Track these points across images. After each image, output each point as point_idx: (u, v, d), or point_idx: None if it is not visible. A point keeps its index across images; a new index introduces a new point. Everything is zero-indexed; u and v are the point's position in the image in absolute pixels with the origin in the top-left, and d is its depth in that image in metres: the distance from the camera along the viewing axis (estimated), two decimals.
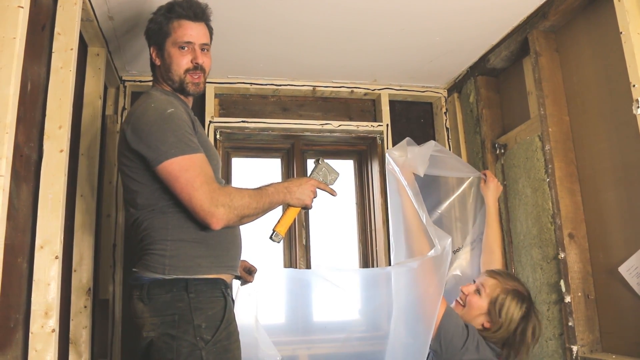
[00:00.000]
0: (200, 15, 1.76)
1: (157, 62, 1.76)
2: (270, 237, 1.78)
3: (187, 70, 1.72)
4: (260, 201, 1.63)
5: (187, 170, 1.51)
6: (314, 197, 1.79)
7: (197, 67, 1.73)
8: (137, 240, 1.65)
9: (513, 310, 1.92)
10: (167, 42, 1.73)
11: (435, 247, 1.97)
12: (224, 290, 1.63)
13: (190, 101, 1.81)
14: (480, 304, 1.98)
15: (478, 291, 2.01)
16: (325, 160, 1.87)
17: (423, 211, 2.11)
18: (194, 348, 1.49)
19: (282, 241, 1.74)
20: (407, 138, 2.37)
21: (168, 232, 1.58)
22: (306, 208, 1.79)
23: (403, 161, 2.27)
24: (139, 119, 1.58)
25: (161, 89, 1.76)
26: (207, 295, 1.57)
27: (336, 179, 1.87)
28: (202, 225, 1.56)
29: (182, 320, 1.51)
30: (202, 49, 1.75)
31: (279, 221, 1.79)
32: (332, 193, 1.85)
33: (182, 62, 1.72)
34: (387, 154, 2.39)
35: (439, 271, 1.94)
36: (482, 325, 1.96)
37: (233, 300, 1.70)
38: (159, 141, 1.53)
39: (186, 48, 1.72)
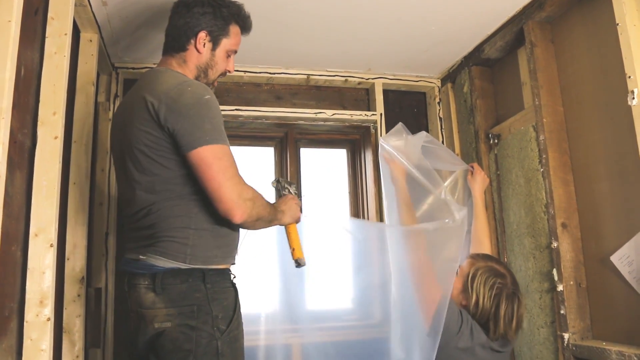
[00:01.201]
0: (250, 31, 1.87)
1: (202, 50, 1.72)
2: (298, 265, 1.84)
3: (221, 74, 1.79)
4: (271, 210, 1.67)
5: (220, 159, 1.50)
6: (300, 207, 1.88)
7: (225, 74, 1.82)
8: (145, 225, 1.58)
9: (483, 283, 1.94)
10: (223, 41, 1.76)
11: (453, 217, 2.14)
12: (232, 280, 1.65)
13: None
14: (457, 283, 2.02)
15: (456, 272, 2.06)
16: (277, 178, 1.96)
17: (437, 186, 2.27)
18: (211, 338, 1.50)
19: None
20: (400, 123, 2.38)
21: (191, 220, 1.55)
22: (298, 221, 1.87)
23: (403, 145, 2.30)
24: (176, 100, 1.52)
25: (179, 72, 1.69)
26: (220, 285, 1.58)
27: (296, 187, 1.97)
28: (220, 215, 1.54)
29: (201, 311, 1.50)
30: None
31: (292, 248, 1.84)
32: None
33: (223, 66, 1.79)
34: (381, 141, 2.40)
35: (453, 239, 2.08)
36: (461, 303, 1.99)
37: None
38: (195, 126, 1.50)
39: (230, 57, 1.80)
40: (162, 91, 1.55)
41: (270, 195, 1.90)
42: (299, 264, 1.83)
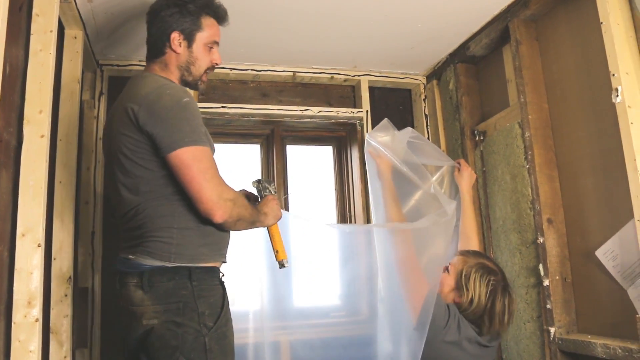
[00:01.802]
0: (226, 19, 1.84)
1: (179, 50, 1.72)
2: (282, 267, 1.86)
3: (207, 69, 1.78)
4: (252, 211, 1.69)
5: (200, 161, 1.52)
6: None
7: (214, 68, 1.81)
8: (134, 226, 1.61)
9: (478, 281, 1.97)
10: (197, 36, 1.74)
11: (443, 210, 2.16)
12: (220, 278, 1.67)
13: None
14: (448, 281, 2.04)
15: (447, 269, 2.07)
16: (258, 179, 1.97)
17: (425, 180, 2.28)
18: (198, 335, 1.51)
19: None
20: (386, 119, 2.40)
21: (174, 220, 1.57)
22: (280, 219, 1.88)
23: (390, 141, 2.31)
24: (154, 103, 1.55)
25: (161, 76, 1.71)
26: (207, 283, 1.60)
27: (274, 186, 1.98)
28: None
29: (187, 307, 1.52)
30: None
31: (275, 249, 1.87)
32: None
33: (206, 60, 1.77)
34: (367, 137, 2.41)
35: (442, 234, 2.11)
36: (454, 300, 2.01)
37: None
38: (174, 129, 1.52)
39: (213, 48, 1.78)
40: (141, 95, 1.59)
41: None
42: (282, 265, 1.86)
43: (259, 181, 1.92)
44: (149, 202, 1.58)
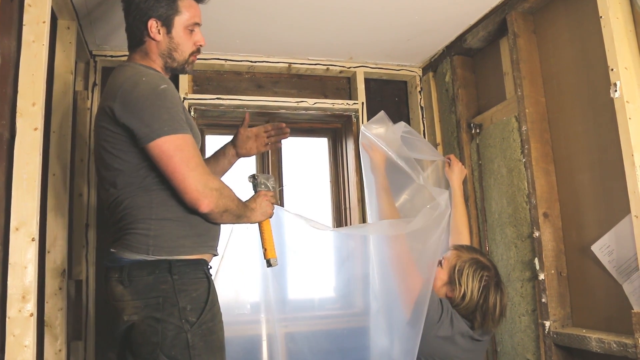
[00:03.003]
0: None
1: (158, 37, 1.65)
2: (269, 265, 1.83)
3: (192, 53, 1.72)
4: (239, 204, 1.66)
5: (182, 150, 1.48)
6: (273, 203, 1.84)
7: (199, 50, 1.74)
8: (116, 219, 1.59)
9: (471, 276, 1.97)
10: (176, 20, 1.66)
11: (436, 202, 2.18)
12: (207, 271, 1.62)
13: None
14: (442, 275, 2.05)
15: (440, 264, 2.08)
16: (256, 173, 1.97)
17: (416, 173, 2.29)
18: (179, 331, 1.48)
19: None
20: (382, 111, 2.39)
21: (152, 211, 1.54)
22: (271, 216, 1.84)
23: (385, 133, 2.31)
24: (130, 92, 1.51)
25: (142, 64, 1.66)
26: (190, 276, 1.55)
27: (274, 181, 1.95)
28: (185, 205, 1.54)
29: (167, 302, 1.49)
30: None
31: (263, 247, 1.84)
32: (277, 203, 1.92)
33: (190, 44, 1.70)
34: (362, 128, 2.40)
35: (436, 227, 2.12)
36: (446, 295, 2.02)
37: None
38: (152, 117, 1.48)
39: (194, 30, 1.71)
40: (116, 85, 1.55)
41: (249, 191, 1.90)
42: (269, 264, 1.83)
43: (253, 176, 1.90)
44: (128, 194, 1.55)
